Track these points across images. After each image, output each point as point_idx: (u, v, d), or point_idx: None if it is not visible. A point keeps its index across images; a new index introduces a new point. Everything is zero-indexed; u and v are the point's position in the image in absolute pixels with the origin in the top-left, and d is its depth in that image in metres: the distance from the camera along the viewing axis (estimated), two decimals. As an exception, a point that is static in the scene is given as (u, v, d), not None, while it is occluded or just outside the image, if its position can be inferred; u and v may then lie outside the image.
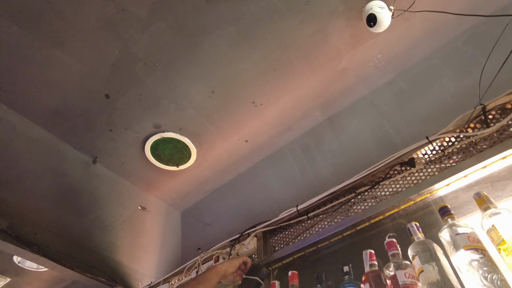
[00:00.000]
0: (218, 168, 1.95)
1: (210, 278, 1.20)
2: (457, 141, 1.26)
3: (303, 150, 1.78)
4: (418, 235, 1.06)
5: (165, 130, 1.73)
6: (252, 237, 1.60)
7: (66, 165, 1.86)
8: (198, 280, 1.17)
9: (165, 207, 2.17)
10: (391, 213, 1.27)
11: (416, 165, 1.31)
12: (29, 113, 1.69)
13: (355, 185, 1.42)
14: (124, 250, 2.17)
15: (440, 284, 0.91)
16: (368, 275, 1.04)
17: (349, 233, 1.34)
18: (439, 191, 1.20)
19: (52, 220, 1.98)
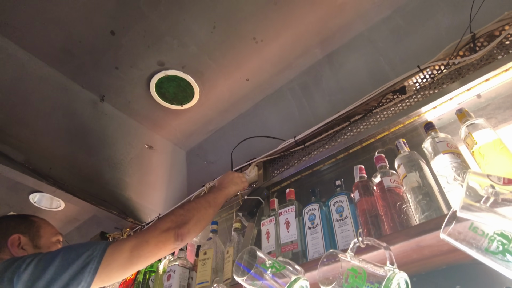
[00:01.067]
0: (220, 107, 2.04)
1: (220, 203, 1.24)
2: (446, 68, 1.33)
3: (302, 89, 1.86)
4: (404, 149, 1.17)
5: (169, 67, 1.80)
6: (253, 166, 1.73)
7: (75, 104, 1.95)
8: (209, 202, 1.19)
9: (170, 146, 2.28)
10: (381, 136, 1.37)
11: (407, 93, 1.40)
12: (37, 51, 1.75)
13: (349, 114, 1.52)
14: (133, 186, 2.32)
15: (420, 187, 1.03)
16: (357, 184, 1.17)
17: (342, 156, 1.45)
18: (426, 114, 1.30)
19: (64, 156, 2.10)
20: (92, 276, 0.84)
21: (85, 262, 0.85)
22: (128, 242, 0.94)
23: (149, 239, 0.96)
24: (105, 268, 0.87)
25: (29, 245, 1.14)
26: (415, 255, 0.96)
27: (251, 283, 0.94)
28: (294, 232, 1.20)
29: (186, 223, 1.05)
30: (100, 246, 0.91)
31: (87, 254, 0.87)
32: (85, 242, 0.96)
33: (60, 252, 0.88)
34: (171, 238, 1.00)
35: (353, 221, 1.09)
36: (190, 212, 1.09)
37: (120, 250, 0.91)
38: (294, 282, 0.84)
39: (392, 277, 0.73)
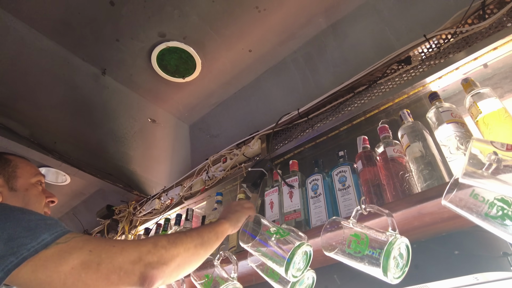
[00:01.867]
0: (222, 80, 2.02)
1: (215, 240, 0.95)
2: (454, 37, 1.31)
3: (305, 60, 1.83)
4: (408, 119, 1.17)
5: (170, 39, 1.77)
6: (256, 139, 1.74)
7: (77, 78, 1.94)
8: (202, 238, 0.91)
9: (173, 120, 2.29)
10: (385, 107, 1.37)
11: (412, 63, 1.38)
12: (36, 23, 1.71)
13: (354, 85, 1.50)
14: (137, 160, 2.35)
15: (423, 156, 1.04)
16: (360, 154, 1.18)
17: (346, 128, 1.45)
18: (431, 85, 1.28)
19: (68, 130, 2.12)
20: (2, 276, 0.62)
21: (9, 251, 0.63)
22: (77, 251, 0.67)
23: (104, 261, 0.68)
24: (28, 271, 0.63)
25: (4, 187, 0.99)
26: (416, 222, 0.98)
27: (256, 249, 0.97)
28: (297, 202, 1.23)
29: (164, 264, 0.76)
30: (44, 238, 0.67)
31: (21, 241, 0.65)
32: (41, 218, 0.72)
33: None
34: (135, 276, 0.71)
35: (356, 190, 1.10)
36: (176, 249, 0.81)
37: (62, 258, 0.66)
38: (298, 247, 0.87)
39: (393, 242, 0.76)
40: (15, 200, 1.00)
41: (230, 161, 1.80)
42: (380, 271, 0.75)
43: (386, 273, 0.74)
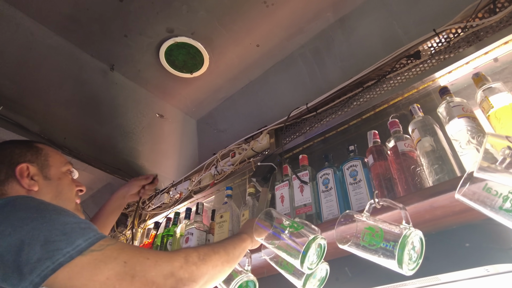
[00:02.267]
0: (230, 75, 2.03)
1: (239, 256, 0.98)
2: (464, 32, 1.31)
3: (313, 54, 1.83)
4: (418, 114, 1.18)
5: (178, 34, 1.78)
6: (265, 133, 1.75)
7: (85, 74, 1.95)
8: (228, 254, 0.93)
9: (181, 115, 2.30)
10: (395, 102, 1.38)
11: (421, 57, 1.38)
12: (45, 20, 1.72)
13: (363, 80, 1.51)
14: (145, 155, 2.37)
15: (434, 151, 1.05)
16: (371, 148, 1.19)
17: (355, 122, 1.47)
18: (441, 79, 1.29)
19: (78, 126, 2.14)
20: (39, 281, 0.62)
21: (45, 256, 0.63)
22: (112, 262, 0.68)
23: (138, 274, 0.70)
24: (62, 277, 0.64)
25: (39, 176, 0.98)
26: (427, 215, 1.00)
27: (270, 242, 0.99)
28: (308, 196, 1.25)
29: (194, 281, 0.78)
30: (81, 243, 0.67)
31: (57, 245, 0.65)
32: (75, 221, 0.72)
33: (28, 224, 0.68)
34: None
35: (367, 184, 1.12)
36: (205, 266, 0.82)
37: (98, 267, 0.67)
38: (313, 240, 0.89)
39: (408, 234, 0.77)
40: (50, 190, 1.00)
41: (239, 155, 1.82)
42: (395, 263, 0.77)
43: (401, 265, 0.76)
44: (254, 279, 1.09)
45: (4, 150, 0.98)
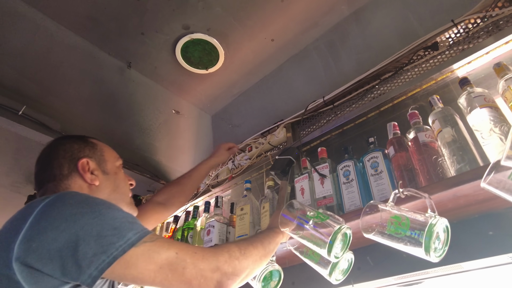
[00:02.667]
0: (245, 70, 2.05)
1: (273, 250, 1.02)
2: (483, 22, 1.31)
3: (328, 47, 1.84)
4: (438, 105, 1.19)
5: (194, 31, 1.80)
6: (282, 127, 1.78)
7: (103, 72, 1.99)
8: (265, 249, 0.97)
9: (196, 111, 2.33)
10: (413, 93, 1.38)
11: (439, 48, 1.38)
12: (64, 20, 1.76)
13: (380, 72, 1.52)
14: (162, 151, 2.42)
15: (455, 141, 1.06)
16: (391, 140, 1.21)
17: (373, 115, 1.48)
18: (460, 70, 1.29)
19: (96, 124, 2.18)
20: (94, 278, 0.66)
21: (100, 250, 0.67)
22: (165, 252, 0.74)
23: (189, 266, 0.75)
24: (119, 268, 0.69)
25: (98, 171, 1.01)
26: (450, 204, 1.02)
27: (295, 232, 1.02)
28: (329, 188, 1.27)
29: (236, 275, 0.82)
30: (133, 235, 0.72)
31: (110, 239, 0.69)
32: (123, 216, 0.76)
33: (81, 219, 0.71)
34: (212, 284, 0.77)
35: (388, 175, 1.14)
36: (246, 261, 0.86)
37: (151, 258, 0.72)
38: (339, 230, 0.91)
39: (435, 223, 0.79)
40: (108, 184, 1.02)
41: (256, 149, 1.84)
42: (422, 251, 0.79)
43: (428, 252, 0.78)
44: (279, 269, 1.13)
45: (64, 145, 1.00)
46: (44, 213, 0.72)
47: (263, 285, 1.08)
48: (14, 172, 2.43)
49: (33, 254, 0.66)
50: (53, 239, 0.67)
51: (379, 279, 1.21)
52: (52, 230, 0.68)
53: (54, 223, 0.69)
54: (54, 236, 0.68)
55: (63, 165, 0.96)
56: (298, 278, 1.46)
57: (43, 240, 0.67)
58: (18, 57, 1.80)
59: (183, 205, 1.43)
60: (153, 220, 1.38)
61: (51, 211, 0.73)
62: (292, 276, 1.47)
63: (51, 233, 0.68)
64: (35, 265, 0.66)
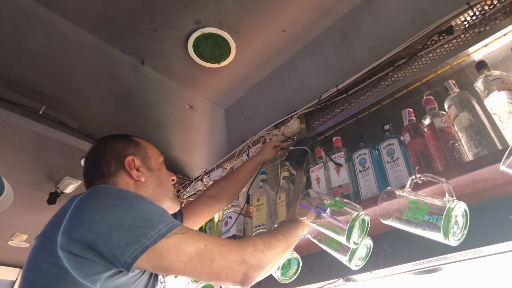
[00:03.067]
0: (256, 62, 2.06)
1: (295, 242, 1.04)
2: (500, 3, 1.28)
3: (340, 36, 1.83)
4: (454, 90, 1.18)
5: (205, 25, 1.81)
6: (295, 118, 1.78)
7: (118, 69, 2.03)
8: (287, 241, 0.99)
9: (209, 105, 2.36)
10: (428, 79, 1.37)
11: (454, 32, 1.36)
12: (78, 20, 1.80)
13: (393, 59, 1.50)
14: (177, 145, 2.46)
15: (473, 125, 1.05)
16: (407, 127, 1.20)
17: (388, 102, 1.47)
18: (476, 54, 1.27)
19: (113, 120, 2.24)
20: (129, 265, 0.72)
21: (132, 240, 0.72)
22: (194, 244, 0.78)
23: (217, 258, 0.78)
24: (151, 258, 0.73)
25: (143, 167, 1.05)
26: (468, 189, 1.01)
27: (314, 221, 1.03)
28: (345, 176, 1.27)
29: (261, 268, 0.85)
30: (163, 227, 0.76)
31: (142, 230, 0.74)
32: (154, 209, 0.81)
33: (116, 210, 0.76)
34: (239, 275, 0.80)
35: (405, 162, 1.14)
36: (270, 253, 0.89)
37: (181, 249, 0.76)
38: (357, 217, 0.92)
39: (453, 207, 0.80)
40: (153, 180, 1.06)
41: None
42: (440, 235, 0.80)
43: (447, 236, 0.78)
44: (298, 256, 1.15)
45: (110, 144, 1.05)
46: (80, 206, 0.78)
47: (282, 273, 1.11)
48: (35, 171, 2.52)
49: (74, 244, 0.73)
50: (89, 230, 0.73)
51: (397, 265, 1.22)
52: (88, 222, 0.74)
53: (90, 216, 0.75)
54: (90, 227, 0.73)
55: (110, 163, 1.01)
56: (315, 266, 1.48)
57: (81, 231, 0.73)
58: (36, 59, 1.86)
59: (232, 199, 1.49)
60: (205, 213, 1.41)
61: (86, 204, 0.78)
62: (310, 265, 1.49)
63: (87, 224, 0.74)
64: (79, 253, 0.72)
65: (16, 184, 2.72)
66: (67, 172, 2.61)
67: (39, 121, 1.93)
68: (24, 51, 1.81)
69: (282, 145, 1.61)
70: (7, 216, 3.17)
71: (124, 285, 0.78)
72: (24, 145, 2.22)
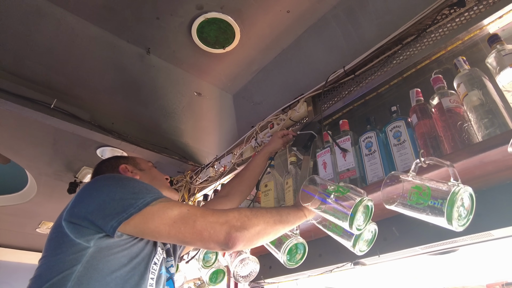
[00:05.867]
0: (262, 45, 2.02)
1: (292, 222, 1.04)
2: (515, -30, 1.19)
3: (347, 14, 1.76)
4: (464, 67, 1.12)
5: (208, 10, 1.78)
6: (302, 102, 1.75)
7: (124, 60, 2.04)
8: (281, 216, 1.01)
9: (217, 91, 2.35)
10: (437, 56, 1.31)
11: (466, 4, 1.28)
12: (82, 12, 1.80)
13: (401, 36, 1.44)
14: (188, 133, 2.48)
15: (483, 104, 1.00)
16: (414, 107, 1.16)
17: (396, 82, 1.42)
18: (490, 26, 1.20)
19: (122, 111, 2.27)
20: (114, 228, 0.85)
21: (121, 209, 0.86)
22: (181, 208, 0.88)
23: (199, 219, 0.87)
24: (138, 222, 0.86)
25: (135, 170, 1.25)
26: (478, 171, 0.98)
27: (317, 207, 1.03)
28: (351, 160, 1.25)
29: (245, 229, 0.90)
30: (147, 198, 0.88)
31: (129, 202, 0.87)
32: (142, 185, 0.95)
33: (108, 188, 0.92)
34: (221, 235, 0.86)
35: (412, 145, 1.10)
36: (257, 219, 0.93)
37: (164, 212, 0.87)
38: (360, 202, 0.91)
39: (457, 191, 0.77)
40: (146, 177, 1.25)
41: (277, 126, 1.84)
42: (444, 220, 0.78)
43: (450, 221, 0.76)
44: (304, 242, 1.15)
45: (103, 164, 1.27)
46: (83, 189, 0.96)
47: (288, 258, 1.12)
48: (55, 162, 2.61)
49: (75, 216, 0.90)
50: (87, 204, 0.90)
51: (405, 249, 1.21)
52: (87, 198, 0.93)
53: (89, 193, 0.94)
54: (88, 201, 0.91)
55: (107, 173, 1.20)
56: (324, 249, 1.49)
57: (81, 206, 0.91)
58: (45, 53, 1.89)
59: (245, 195, 1.49)
60: None
61: (87, 186, 0.96)
62: (318, 248, 1.50)
63: (86, 200, 0.92)
64: (76, 222, 0.89)
65: (38, 175, 2.84)
66: (84, 162, 2.69)
67: (51, 115, 1.98)
68: (32, 47, 1.84)
69: (291, 133, 1.59)
70: (33, 206, 3.33)
71: (116, 246, 0.90)
72: (41, 138, 2.30)
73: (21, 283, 4.19)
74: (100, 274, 0.86)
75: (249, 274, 1.47)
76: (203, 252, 1.59)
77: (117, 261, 0.89)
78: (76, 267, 0.85)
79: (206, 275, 1.62)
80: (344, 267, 1.40)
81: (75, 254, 0.87)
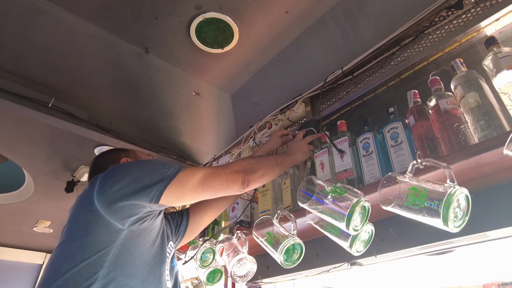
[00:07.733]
0: (260, 46, 2.02)
1: (286, 166, 1.31)
2: (512, -28, 1.19)
3: (345, 15, 1.77)
4: (461, 69, 1.12)
5: (206, 10, 1.78)
6: (300, 102, 1.76)
7: (122, 59, 2.03)
8: (277, 161, 1.25)
9: (216, 91, 2.35)
10: (435, 58, 1.31)
11: (464, 7, 1.29)
12: (80, 11, 1.80)
13: (399, 38, 1.44)
14: (186, 133, 2.48)
15: (480, 106, 1.01)
16: (411, 109, 1.17)
17: (394, 83, 1.42)
18: (487, 29, 1.21)
19: (121, 110, 2.27)
20: (160, 193, 0.95)
21: (158, 178, 0.97)
22: (202, 170, 1.06)
23: (221, 173, 1.06)
24: (176, 187, 0.98)
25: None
26: (474, 173, 0.98)
27: (314, 207, 1.03)
28: (348, 161, 1.26)
29: (254, 172, 1.12)
30: (175, 167, 1.02)
31: (162, 171, 0.99)
32: (162, 161, 1.08)
33: (136, 164, 1.03)
34: (239, 180, 1.07)
35: (409, 146, 1.11)
36: (259, 164, 1.16)
37: (193, 175, 1.02)
38: (357, 203, 0.92)
39: (453, 193, 0.78)
40: None
41: (275, 126, 1.85)
42: (440, 221, 0.78)
43: (446, 222, 0.77)
44: (301, 242, 1.15)
45: (103, 157, 1.29)
46: (106, 174, 1.01)
47: (285, 258, 1.12)
48: (52, 161, 2.60)
49: (108, 195, 0.94)
50: (118, 181, 0.96)
51: (402, 249, 1.21)
52: (116, 176, 0.98)
53: (117, 173, 0.99)
54: (118, 179, 0.97)
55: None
56: (322, 250, 1.49)
57: (112, 185, 0.96)
58: (43, 52, 1.88)
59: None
60: (212, 209, 1.46)
61: (110, 171, 1.01)
62: (316, 249, 1.50)
63: (116, 178, 0.98)
64: (113, 201, 0.93)
65: (35, 174, 2.83)
66: (82, 161, 2.68)
67: (49, 114, 1.97)
68: (30, 45, 1.83)
69: (291, 133, 1.59)
70: (30, 205, 3.32)
71: (144, 231, 1.00)
72: (39, 137, 2.29)
73: (18, 282, 4.18)
74: (132, 257, 0.94)
75: (246, 274, 1.47)
76: (200, 252, 1.59)
77: (143, 247, 0.98)
78: (111, 249, 0.91)
79: (204, 274, 1.62)
80: (341, 267, 1.41)
81: (109, 235, 0.92)
